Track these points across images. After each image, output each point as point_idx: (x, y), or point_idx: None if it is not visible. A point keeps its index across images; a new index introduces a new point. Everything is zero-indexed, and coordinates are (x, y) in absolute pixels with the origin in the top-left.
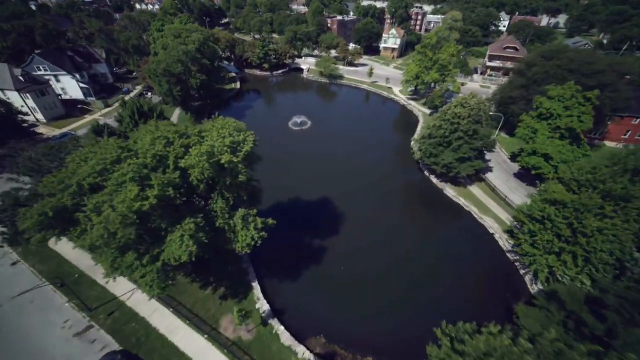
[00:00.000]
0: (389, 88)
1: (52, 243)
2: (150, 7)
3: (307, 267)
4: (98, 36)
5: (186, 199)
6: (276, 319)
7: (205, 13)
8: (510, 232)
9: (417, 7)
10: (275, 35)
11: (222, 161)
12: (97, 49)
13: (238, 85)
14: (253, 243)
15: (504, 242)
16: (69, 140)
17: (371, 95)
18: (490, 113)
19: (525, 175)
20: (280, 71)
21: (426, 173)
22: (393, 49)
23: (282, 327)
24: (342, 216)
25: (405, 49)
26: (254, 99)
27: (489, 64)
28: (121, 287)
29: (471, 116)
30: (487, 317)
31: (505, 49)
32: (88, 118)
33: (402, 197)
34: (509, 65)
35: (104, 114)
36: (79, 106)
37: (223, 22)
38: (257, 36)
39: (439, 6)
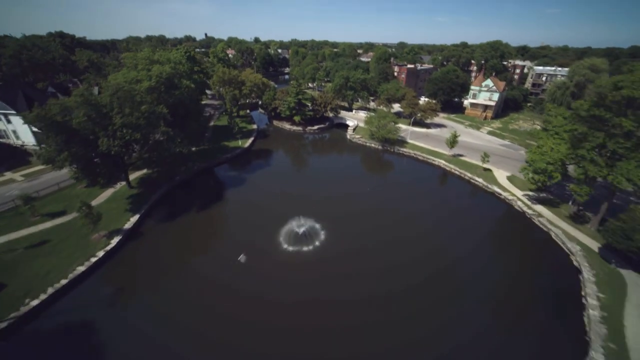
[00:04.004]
0: (486, 170)
1: None
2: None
3: None
4: (87, 70)
5: None
6: None
7: (268, 62)
8: None
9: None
10: (330, 84)
11: None
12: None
13: (248, 143)
14: None
15: None
16: None
17: (451, 180)
18: None
19: None
20: (316, 127)
21: None
22: (486, 107)
23: None
24: None
25: (504, 108)
26: (256, 168)
27: None
28: None
29: None
30: None
31: None
32: (6, 175)
33: None
34: None
35: (34, 173)
36: (31, 156)
37: (286, 71)
38: (310, 84)
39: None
